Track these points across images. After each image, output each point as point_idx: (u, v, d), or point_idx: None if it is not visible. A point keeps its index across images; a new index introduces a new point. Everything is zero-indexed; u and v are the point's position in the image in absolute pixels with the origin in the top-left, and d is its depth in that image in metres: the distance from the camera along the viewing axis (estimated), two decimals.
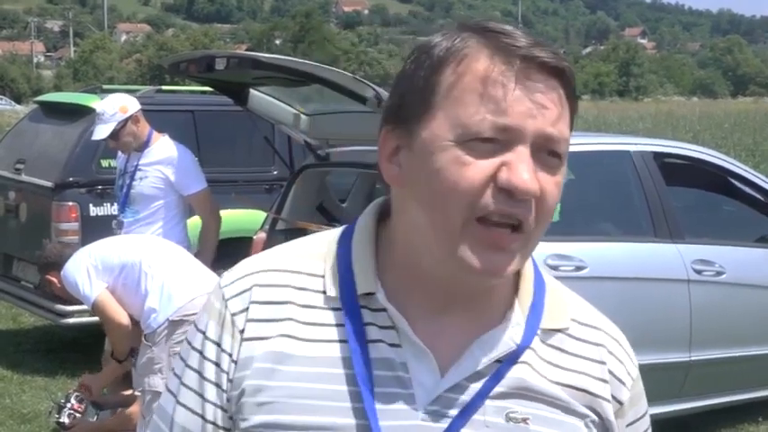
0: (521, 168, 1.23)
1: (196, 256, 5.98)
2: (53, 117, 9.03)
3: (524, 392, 1.35)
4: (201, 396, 1.37)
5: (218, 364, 1.36)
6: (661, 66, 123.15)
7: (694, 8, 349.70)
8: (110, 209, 7.40)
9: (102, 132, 6.38)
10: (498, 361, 1.34)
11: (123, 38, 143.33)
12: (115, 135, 6.35)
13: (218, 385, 1.36)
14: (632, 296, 6.30)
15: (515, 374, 1.35)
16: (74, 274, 5.27)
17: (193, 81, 8.07)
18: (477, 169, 1.24)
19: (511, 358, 1.35)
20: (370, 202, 5.67)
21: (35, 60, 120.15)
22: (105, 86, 9.59)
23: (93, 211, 7.92)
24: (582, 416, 1.38)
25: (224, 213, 6.80)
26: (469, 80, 1.26)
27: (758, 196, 7.23)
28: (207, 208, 6.51)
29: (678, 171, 6.95)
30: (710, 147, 16.67)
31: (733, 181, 7.23)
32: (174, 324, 4.89)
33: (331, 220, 6.82)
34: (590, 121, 35.05)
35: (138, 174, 6.38)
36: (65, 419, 5.47)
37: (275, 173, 8.56)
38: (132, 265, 5.20)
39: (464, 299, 1.35)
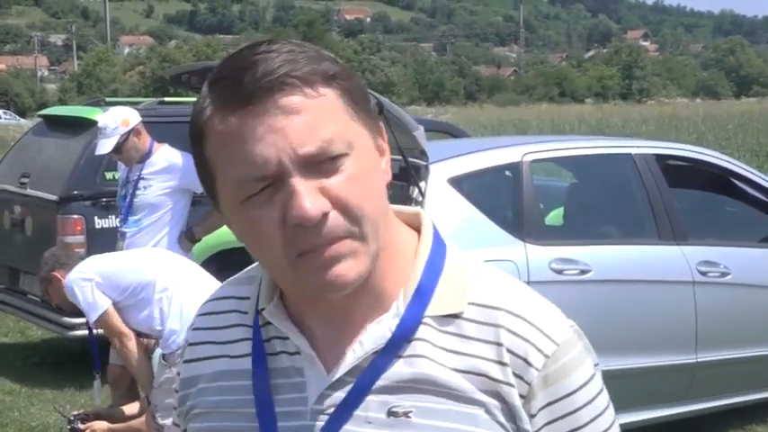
0: (296, 201, 1.23)
1: (205, 217, 6.37)
2: (57, 130, 9.06)
3: (415, 385, 1.33)
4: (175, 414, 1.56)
5: (176, 389, 1.55)
6: (664, 68, 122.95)
7: (696, 9, 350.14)
8: (115, 221, 7.40)
9: (105, 147, 6.41)
10: (375, 353, 1.35)
11: (126, 50, 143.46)
12: (118, 148, 6.38)
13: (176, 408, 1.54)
14: (637, 299, 6.31)
15: (405, 368, 1.34)
16: (78, 288, 5.29)
17: (195, 92, 8.08)
18: (267, 220, 1.26)
19: (389, 350, 1.34)
20: None
21: (39, 74, 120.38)
22: (108, 99, 9.61)
23: (99, 223, 7.94)
24: (480, 403, 1.33)
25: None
26: (218, 146, 1.29)
27: (761, 196, 7.22)
28: None
29: (681, 172, 6.96)
30: (714, 148, 16.64)
31: (736, 181, 7.23)
32: None
33: None
34: (593, 125, 35.11)
35: (142, 183, 6.40)
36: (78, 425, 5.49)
37: None
38: (146, 285, 5.21)
39: (342, 304, 1.35)
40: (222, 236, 7.23)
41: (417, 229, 1.43)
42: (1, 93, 75.81)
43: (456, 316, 1.37)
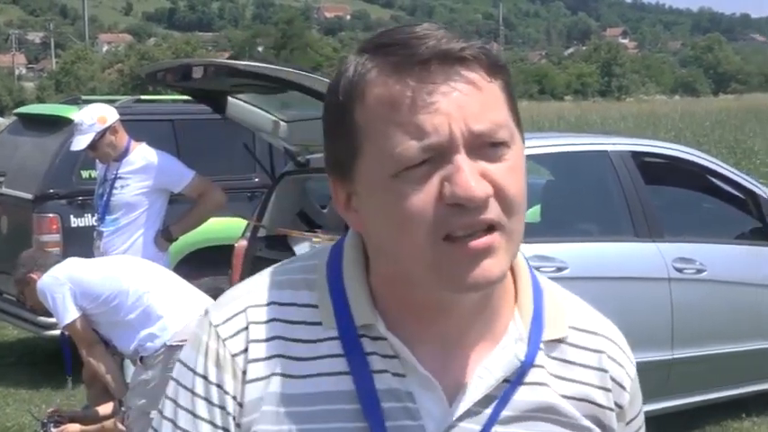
0: (461, 178, 1.16)
1: (182, 217, 6.41)
2: (33, 129, 9.02)
3: (537, 414, 1.30)
4: None
5: (222, 407, 1.29)
6: (642, 65, 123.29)
7: (675, 7, 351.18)
8: (91, 220, 7.37)
9: (80, 143, 6.37)
10: (506, 381, 1.29)
11: (105, 48, 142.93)
12: (93, 145, 6.34)
13: (223, 428, 1.29)
14: (614, 296, 6.30)
15: (526, 396, 1.29)
16: (50, 293, 5.27)
17: (172, 90, 8.06)
18: (422, 196, 1.18)
19: (517, 377, 1.29)
20: None
21: (17, 72, 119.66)
22: (85, 97, 9.57)
23: (75, 222, 7.91)
24: (587, 429, 1.33)
25: (207, 222, 6.80)
26: (379, 111, 1.20)
27: (737, 193, 7.25)
28: (206, 186, 6.53)
29: (657, 170, 6.98)
30: (692, 145, 16.70)
31: (712, 179, 7.25)
32: (172, 349, 4.90)
33: (312, 227, 6.83)
34: (572, 122, 35.19)
35: (119, 182, 6.37)
36: (51, 430, 5.47)
37: (257, 180, 8.55)
38: (119, 293, 5.19)
39: (463, 319, 1.28)
40: (197, 235, 7.24)
41: None
42: None
43: (560, 341, 1.34)
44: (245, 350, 1.29)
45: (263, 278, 1.35)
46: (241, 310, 1.31)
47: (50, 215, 7.92)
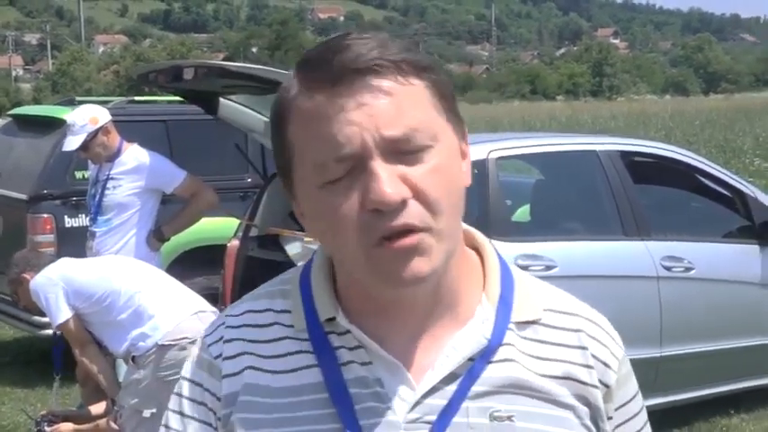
0: (375, 184, 1.20)
1: (175, 217, 6.45)
2: (27, 130, 9.00)
3: (509, 389, 1.32)
4: None
5: (203, 404, 1.40)
6: (633, 65, 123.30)
7: (665, 8, 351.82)
8: (85, 220, 7.34)
9: (72, 143, 6.36)
10: (471, 359, 1.32)
11: (101, 49, 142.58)
12: (85, 146, 6.33)
13: (205, 422, 1.39)
14: (602, 294, 6.28)
15: (499, 372, 1.32)
16: (43, 293, 5.26)
17: (164, 91, 8.04)
18: (347, 205, 1.23)
19: (484, 355, 1.32)
20: None
21: (14, 74, 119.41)
22: (79, 98, 9.54)
23: (69, 222, 7.89)
24: (570, 407, 1.34)
25: (199, 222, 6.80)
26: (302, 126, 1.26)
27: (725, 192, 7.25)
28: (198, 186, 6.52)
29: (645, 169, 6.98)
30: (682, 144, 16.73)
31: (700, 178, 7.25)
32: (163, 348, 4.90)
33: (302, 226, 6.81)
34: (563, 122, 35.23)
35: (111, 183, 6.35)
36: (44, 428, 5.47)
37: (249, 180, 8.54)
38: (111, 292, 5.18)
39: (421, 309, 1.33)
40: (190, 235, 7.23)
41: (471, 246, 1.42)
42: None
43: (534, 322, 1.38)
44: (219, 355, 1.39)
45: (247, 296, 1.46)
46: (222, 320, 1.43)
47: (44, 215, 7.90)
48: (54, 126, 8.15)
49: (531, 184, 7.48)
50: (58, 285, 5.24)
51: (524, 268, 6.01)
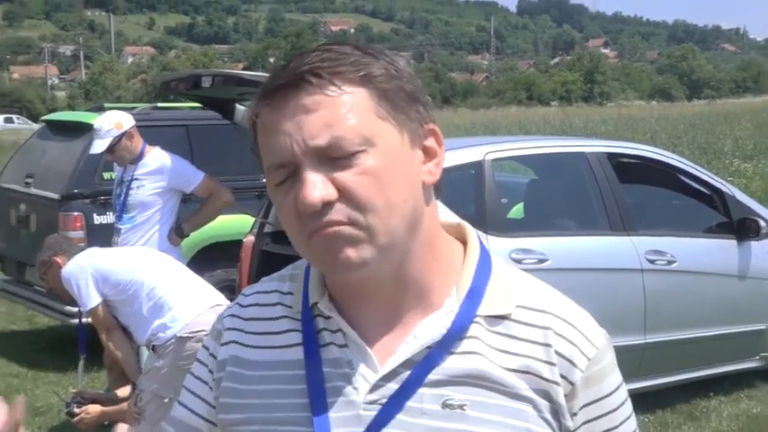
0: (302, 190, 1.23)
1: (194, 214, 6.46)
2: (59, 134, 9.01)
3: (468, 380, 1.30)
4: (195, 395, 1.48)
5: (206, 365, 1.48)
6: (622, 73, 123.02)
7: (652, 19, 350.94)
8: (112, 217, 7.33)
9: (99, 147, 6.35)
10: (429, 347, 1.31)
11: (130, 60, 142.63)
12: (111, 149, 6.33)
13: (206, 382, 1.47)
14: (591, 285, 6.29)
15: (459, 363, 1.30)
16: (74, 279, 5.25)
17: (184, 98, 8.04)
18: (287, 206, 1.27)
19: (442, 345, 1.31)
20: None
21: (49, 83, 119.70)
22: (107, 105, 9.53)
23: (97, 219, 7.91)
24: (530, 400, 1.30)
25: (216, 219, 6.79)
26: (259, 134, 1.30)
27: (705, 191, 7.25)
28: (215, 186, 6.51)
29: (631, 169, 6.97)
30: (667, 146, 16.70)
31: (682, 177, 7.24)
32: (182, 340, 4.87)
33: None
34: (557, 126, 35.16)
35: (135, 183, 6.35)
36: (74, 409, 5.47)
37: (263, 180, 8.48)
38: (135, 282, 5.16)
39: (388, 297, 1.33)
40: (209, 231, 7.23)
41: (460, 239, 1.41)
42: (15, 100, 75.38)
43: (505, 317, 1.35)
44: (229, 328, 1.46)
45: (273, 275, 1.51)
46: (237, 299, 1.50)
47: (75, 213, 7.92)
48: (84, 131, 8.14)
49: (525, 184, 7.47)
50: (87, 272, 5.23)
51: (518, 261, 6.03)
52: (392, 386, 1.30)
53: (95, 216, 7.92)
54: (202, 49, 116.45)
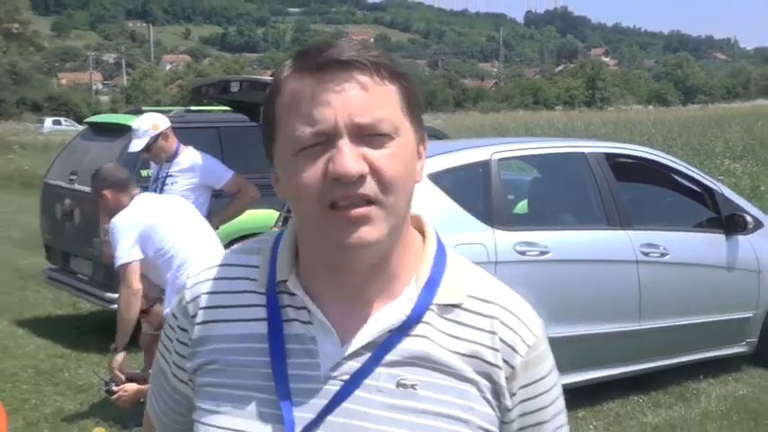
0: (340, 158, 1.22)
1: (223, 209, 6.49)
2: (100, 135, 9.03)
3: (419, 362, 1.32)
4: (168, 350, 1.49)
5: (178, 339, 1.46)
6: (622, 80, 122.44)
7: (649, 30, 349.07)
8: None
9: (136, 146, 6.37)
10: (390, 332, 1.33)
11: (167, 67, 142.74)
12: (148, 148, 6.34)
13: (178, 353, 1.45)
14: (589, 276, 6.28)
15: (412, 345, 1.32)
16: (119, 233, 5.23)
17: (215, 102, 8.05)
18: (311, 171, 1.25)
19: (401, 329, 1.33)
20: None
21: (94, 88, 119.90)
22: (145, 108, 9.56)
23: None
24: (473, 382, 1.33)
25: (245, 213, 6.80)
26: (288, 103, 1.28)
27: (696, 188, 7.22)
28: (243, 183, 6.51)
29: (627, 168, 6.94)
30: (662, 148, 16.62)
31: (674, 176, 7.21)
32: None
33: None
34: (560, 128, 35.03)
35: (169, 180, 6.36)
36: (112, 387, 5.49)
37: None
38: (171, 249, 5.15)
39: (361, 278, 1.33)
40: (237, 225, 7.23)
41: (419, 230, 1.42)
42: (63, 103, 75.47)
43: (456, 306, 1.37)
44: (194, 299, 1.43)
45: (234, 247, 1.49)
46: (200, 271, 1.45)
47: None
48: (123, 131, 8.16)
49: (529, 182, 7.44)
50: (136, 230, 5.19)
51: (522, 253, 6.01)
52: (353, 364, 1.32)
53: None
54: (234, 58, 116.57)
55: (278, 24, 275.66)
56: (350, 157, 1.23)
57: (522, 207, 7.24)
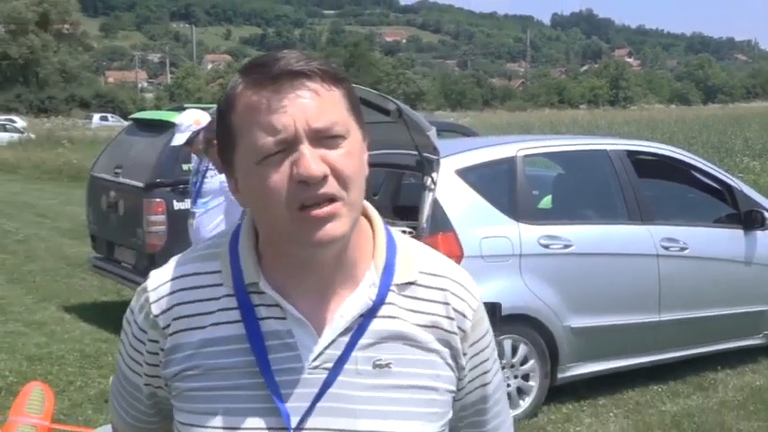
0: (305, 162, 1.26)
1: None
2: (144, 130, 9.08)
3: (389, 340, 1.38)
4: (137, 362, 1.46)
5: (149, 351, 1.43)
6: (644, 80, 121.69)
7: (672, 32, 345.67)
8: (189, 203, 7.41)
9: (179, 140, 6.41)
10: (361, 316, 1.37)
11: (209, 66, 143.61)
12: (190, 142, 6.36)
13: (148, 364, 1.44)
14: (611, 269, 6.24)
15: (381, 326, 1.38)
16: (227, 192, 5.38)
17: None
18: (277, 176, 1.28)
19: (370, 312, 1.37)
20: (397, 195, 5.65)
21: (139, 86, 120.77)
22: (186, 105, 9.61)
23: (177, 205, 7.95)
24: (436, 351, 1.41)
25: None
26: (245, 114, 1.30)
27: (716, 185, 7.15)
28: None
29: (648, 165, 6.88)
30: (683, 146, 16.45)
31: (694, 173, 7.14)
32: None
33: None
34: (584, 126, 34.83)
35: (209, 173, 6.38)
36: None
37: None
38: None
39: (325, 272, 1.36)
40: None
41: (365, 216, 1.44)
42: (110, 101, 76.07)
43: (411, 283, 1.42)
44: (164, 312, 1.41)
45: (182, 256, 1.47)
46: (162, 282, 1.43)
47: (158, 200, 7.97)
48: (166, 127, 8.20)
49: (551, 178, 7.40)
50: None
51: (546, 246, 5.99)
52: (332, 352, 1.35)
53: (175, 202, 7.96)
54: None
55: (314, 26, 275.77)
56: (313, 160, 1.26)
57: (546, 202, 7.19)
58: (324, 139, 1.28)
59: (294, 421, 1.33)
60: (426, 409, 1.39)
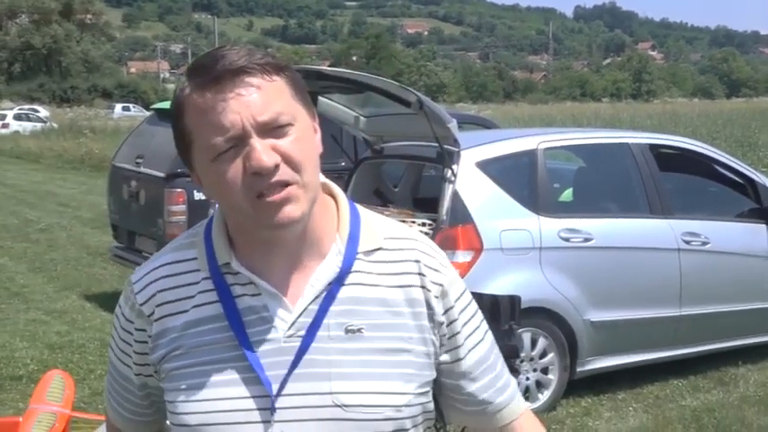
0: (256, 155, 1.33)
1: None
2: (166, 121, 9.05)
3: (360, 306, 1.44)
4: (127, 354, 1.54)
5: (137, 340, 1.52)
6: (668, 73, 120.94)
7: (696, 25, 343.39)
8: None
9: None
10: (330, 284, 1.44)
11: None
12: None
13: (137, 353, 1.52)
14: (631, 262, 6.22)
15: (350, 293, 1.45)
16: None
17: None
18: (232, 171, 1.35)
19: (338, 280, 1.44)
20: (417, 187, 5.65)
21: (161, 76, 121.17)
22: None
23: (197, 195, 7.98)
24: (411, 314, 1.46)
25: None
26: (195, 116, 1.37)
27: (738, 180, 7.10)
28: None
29: (670, 159, 6.84)
30: (706, 139, 16.35)
31: (716, 167, 7.10)
32: None
33: (385, 202, 6.79)
34: (607, 120, 34.65)
35: None
36: None
37: (343, 164, 8.53)
38: None
39: (292, 248, 1.44)
40: None
41: (330, 195, 1.53)
42: (132, 91, 76.32)
43: (377, 249, 1.49)
44: (148, 300, 1.49)
45: (163, 248, 1.57)
46: (146, 272, 1.52)
47: (178, 190, 8.00)
48: None
49: (574, 171, 7.37)
50: None
51: (566, 240, 5.96)
52: (304, 320, 1.42)
53: (195, 192, 7.99)
54: (294, 49, 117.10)
55: (336, 17, 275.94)
56: (263, 152, 1.33)
57: (567, 195, 7.16)
58: (272, 129, 1.35)
59: (275, 388, 1.41)
60: (400, 369, 1.44)
